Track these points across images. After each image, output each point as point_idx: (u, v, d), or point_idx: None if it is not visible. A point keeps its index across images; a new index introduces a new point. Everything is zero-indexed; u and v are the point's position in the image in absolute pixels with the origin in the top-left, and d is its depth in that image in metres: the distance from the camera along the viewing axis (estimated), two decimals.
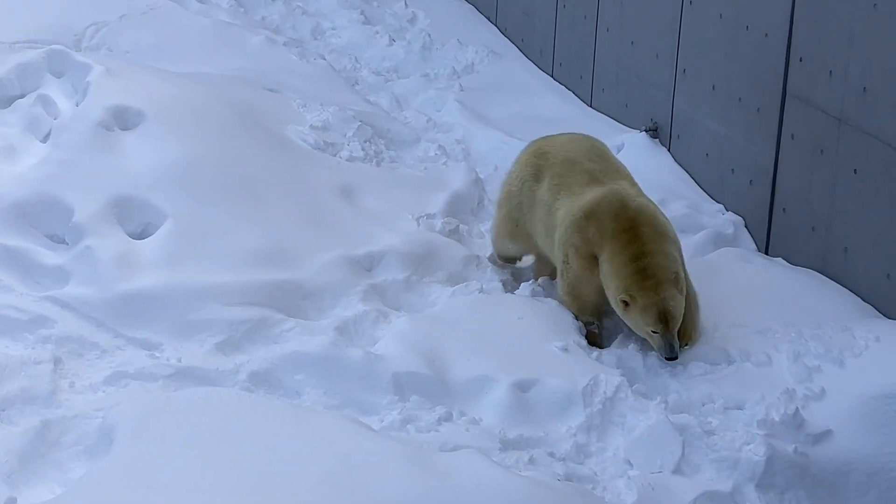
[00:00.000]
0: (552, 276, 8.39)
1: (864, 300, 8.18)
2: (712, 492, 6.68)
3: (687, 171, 10.12)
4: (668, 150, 10.36)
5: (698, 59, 9.93)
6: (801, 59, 8.71)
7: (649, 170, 10.12)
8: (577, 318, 7.93)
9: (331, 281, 8.21)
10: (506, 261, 8.80)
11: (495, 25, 13.16)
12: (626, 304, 7.49)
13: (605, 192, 7.82)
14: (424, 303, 8.32)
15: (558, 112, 11.47)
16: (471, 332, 7.79)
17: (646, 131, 10.53)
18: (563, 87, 11.94)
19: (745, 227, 9.37)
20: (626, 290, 7.47)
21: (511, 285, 8.56)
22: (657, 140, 10.47)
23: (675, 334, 7.43)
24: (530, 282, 8.52)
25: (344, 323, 7.87)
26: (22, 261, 8.10)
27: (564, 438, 7.10)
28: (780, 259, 8.87)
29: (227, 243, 8.26)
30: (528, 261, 8.77)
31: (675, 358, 7.42)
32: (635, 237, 7.57)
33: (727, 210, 9.56)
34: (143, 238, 8.30)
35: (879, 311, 8.05)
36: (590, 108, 11.49)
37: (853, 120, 8.23)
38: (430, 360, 7.52)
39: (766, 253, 9.11)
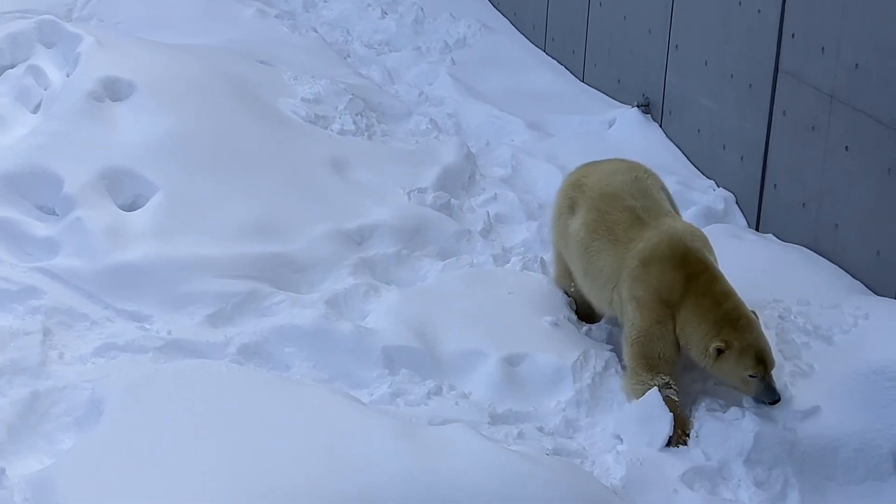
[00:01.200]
0: (575, 297, 7.94)
1: (853, 277, 8.19)
2: (700, 467, 6.69)
3: (678, 147, 10.12)
4: (660, 126, 10.35)
5: (691, 34, 9.91)
6: (793, 36, 8.70)
7: (641, 145, 10.12)
8: (649, 379, 7.06)
9: (321, 254, 8.22)
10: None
11: None
12: (719, 351, 6.88)
13: (660, 236, 7.21)
14: (415, 277, 8.33)
15: (550, 87, 11.46)
16: (461, 307, 7.80)
17: (638, 107, 10.53)
18: (555, 61, 11.91)
19: (736, 203, 9.37)
20: (720, 335, 6.89)
21: (502, 260, 8.56)
22: (649, 115, 10.47)
23: (772, 375, 6.91)
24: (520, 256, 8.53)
25: (334, 296, 7.87)
26: (12, 231, 8.09)
27: (554, 413, 7.12)
28: (770, 235, 8.88)
29: (218, 216, 8.26)
30: None
31: (779, 399, 6.89)
32: (714, 279, 7.04)
33: (718, 186, 9.56)
34: (134, 210, 8.30)
35: (869, 288, 8.06)
36: (582, 83, 11.48)
37: (845, 97, 8.22)
38: (421, 334, 7.53)
39: (757, 229, 9.12)
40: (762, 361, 6.87)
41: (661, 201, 7.61)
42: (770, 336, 7.41)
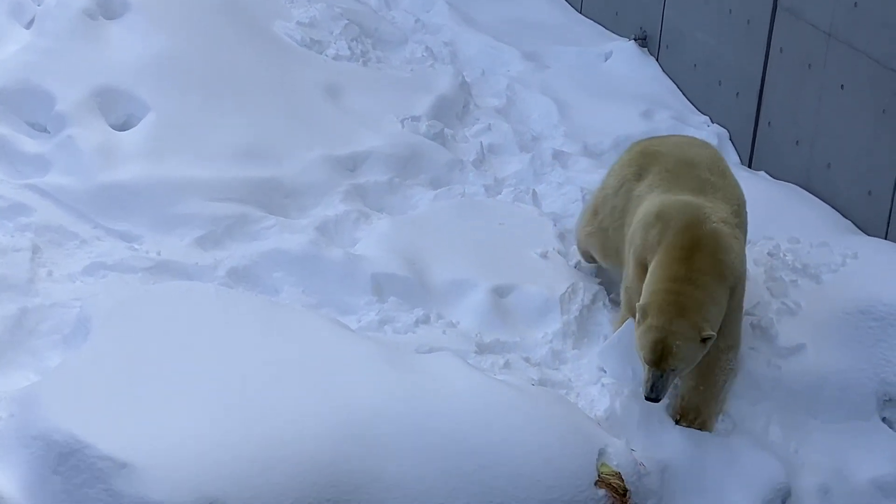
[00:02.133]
0: None
1: (844, 216, 8.20)
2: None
3: (674, 82, 10.08)
4: (657, 60, 10.31)
5: None
6: None
7: (637, 79, 10.09)
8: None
9: (313, 180, 8.20)
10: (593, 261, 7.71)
11: None
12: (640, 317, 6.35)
13: (690, 200, 6.69)
14: (406, 205, 8.32)
15: (547, 17, 11.38)
16: (451, 236, 7.80)
17: (635, 40, 10.47)
18: None
19: (730, 139, 9.36)
20: (646, 302, 6.32)
21: (493, 191, 8.55)
22: (646, 49, 10.42)
23: (663, 373, 6.27)
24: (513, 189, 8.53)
25: (325, 222, 7.87)
26: (3, 148, 8.05)
27: (540, 344, 7.14)
28: (762, 172, 8.87)
29: (210, 138, 8.23)
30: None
31: (654, 400, 6.32)
32: (689, 258, 6.39)
33: (713, 122, 9.55)
34: (126, 129, 8.26)
35: (859, 228, 8.07)
36: (579, 15, 11.40)
37: (842, 35, 8.19)
38: (410, 263, 7.53)
39: (750, 166, 9.11)
40: (656, 352, 6.25)
41: (737, 188, 7.00)
42: (758, 273, 7.44)
